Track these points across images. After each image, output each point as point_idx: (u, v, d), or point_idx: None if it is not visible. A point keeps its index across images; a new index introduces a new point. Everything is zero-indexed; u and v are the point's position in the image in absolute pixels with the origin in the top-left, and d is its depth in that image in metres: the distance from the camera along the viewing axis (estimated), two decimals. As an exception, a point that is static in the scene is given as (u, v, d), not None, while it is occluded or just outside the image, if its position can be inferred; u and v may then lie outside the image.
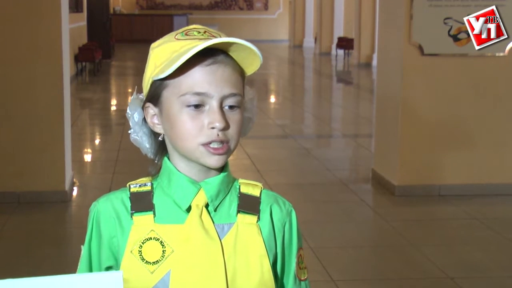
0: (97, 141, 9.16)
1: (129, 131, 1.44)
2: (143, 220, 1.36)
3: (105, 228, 1.38)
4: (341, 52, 21.15)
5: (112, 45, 21.07)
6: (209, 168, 1.37)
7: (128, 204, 1.38)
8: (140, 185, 1.40)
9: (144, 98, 1.41)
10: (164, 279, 1.32)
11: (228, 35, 1.45)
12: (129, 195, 1.39)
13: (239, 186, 1.42)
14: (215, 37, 1.34)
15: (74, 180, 6.47)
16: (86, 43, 17.40)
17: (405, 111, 6.11)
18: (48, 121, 5.83)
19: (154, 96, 1.37)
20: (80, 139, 8.74)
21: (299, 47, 27.18)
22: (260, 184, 1.44)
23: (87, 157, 8.11)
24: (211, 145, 1.32)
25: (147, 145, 1.44)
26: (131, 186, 1.40)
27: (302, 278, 1.45)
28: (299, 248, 1.45)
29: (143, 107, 1.41)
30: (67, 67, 6.12)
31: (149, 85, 1.38)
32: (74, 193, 6.24)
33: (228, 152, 1.35)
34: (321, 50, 23.92)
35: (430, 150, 6.19)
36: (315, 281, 4.27)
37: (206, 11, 31.02)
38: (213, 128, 1.31)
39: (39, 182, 5.84)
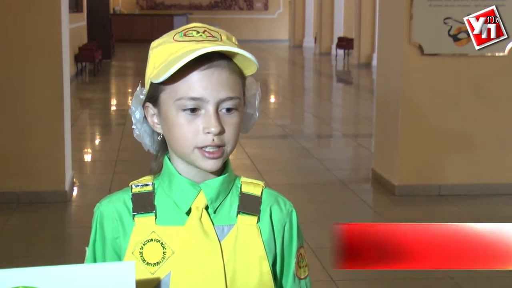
0: (97, 141, 9.16)
1: (133, 127, 1.45)
2: (144, 221, 1.37)
3: (109, 230, 1.39)
4: (341, 52, 21.14)
5: (112, 45, 21.07)
6: None
7: (130, 205, 1.39)
8: (142, 185, 1.40)
9: (145, 98, 1.42)
10: (164, 281, 1.33)
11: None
12: (131, 196, 1.39)
13: (241, 185, 1.41)
14: (214, 36, 1.34)
15: (74, 180, 6.47)
16: (86, 43, 17.40)
17: (405, 111, 6.11)
18: (48, 121, 5.83)
19: (153, 97, 1.38)
20: (80, 139, 8.74)
21: (299, 47, 27.18)
22: (261, 183, 1.43)
23: (87, 157, 8.11)
24: (206, 149, 1.33)
25: (148, 143, 1.45)
26: (133, 186, 1.41)
27: (301, 277, 1.45)
28: (300, 247, 1.45)
29: (143, 106, 1.41)
30: (67, 67, 6.12)
31: (148, 86, 1.39)
32: (74, 193, 6.24)
33: (224, 156, 1.35)
34: (321, 50, 23.91)
35: (430, 150, 6.19)
36: (315, 281, 4.26)
37: (206, 11, 31.01)
38: (208, 133, 1.31)
39: (39, 182, 5.84)
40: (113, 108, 11.98)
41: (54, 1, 5.77)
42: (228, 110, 1.33)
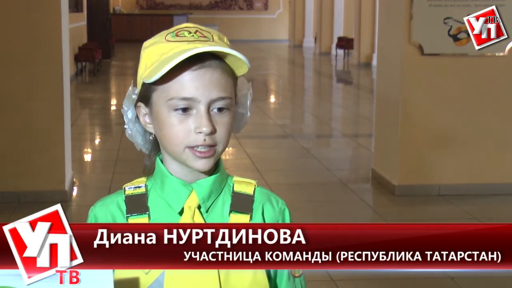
0: (97, 141, 9.16)
1: (125, 126, 1.46)
2: (138, 222, 1.37)
3: None
4: (341, 52, 21.13)
5: (112, 45, 21.07)
6: None
7: (124, 207, 1.40)
8: (135, 187, 1.41)
9: (136, 97, 1.43)
10: (158, 280, 1.34)
11: (228, 35, 1.44)
12: (124, 198, 1.40)
13: (233, 184, 1.42)
14: (206, 36, 1.35)
15: (74, 180, 6.47)
16: (86, 43, 17.40)
17: (405, 111, 6.11)
18: (48, 121, 5.83)
19: (145, 97, 1.39)
20: (80, 139, 8.74)
21: (299, 47, 27.17)
22: (254, 182, 1.44)
23: (87, 157, 8.11)
24: (198, 149, 1.34)
25: (141, 142, 1.46)
26: (126, 188, 1.42)
27: (296, 275, 1.46)
28: None
29: (135, 106, 1.43)
30: (67, 67, 6.12)
31: (140, 86, 1.40)
32: (74, 193, 6.24)
33: (215, 155, 1.36)
34: (321, 50, 23.91)
35: (430, 150, 6.19)
36: (314, 281, 4.27)
37: (206, 11, 31.02)
38: (200, 132, 1.32)
39: (39, 182, 5.84)
40: (113, 108, 11.98)
41: (54, 1, 5.77)
42: (220, 110, 1.34)
